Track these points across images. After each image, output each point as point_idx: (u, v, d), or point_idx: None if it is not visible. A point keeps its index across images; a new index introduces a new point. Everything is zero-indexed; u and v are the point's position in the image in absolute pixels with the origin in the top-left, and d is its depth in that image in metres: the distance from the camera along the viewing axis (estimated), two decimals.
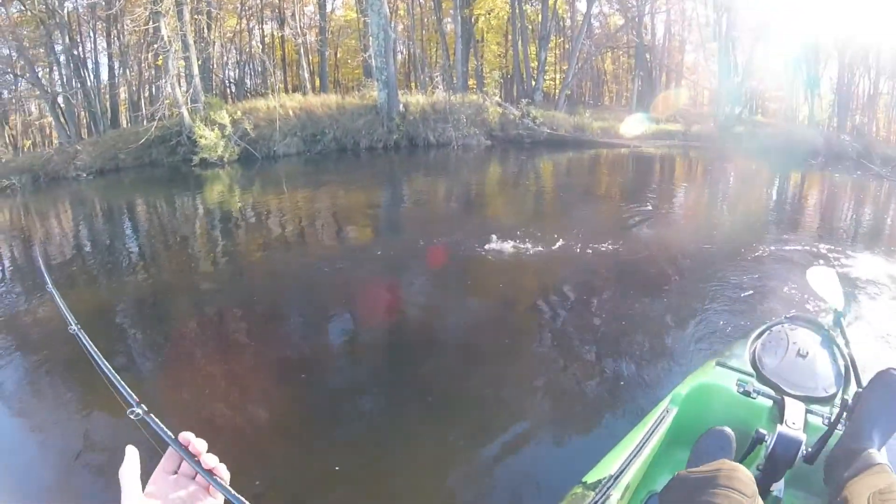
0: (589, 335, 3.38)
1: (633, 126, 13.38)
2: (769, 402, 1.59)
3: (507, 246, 4.92)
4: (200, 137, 13.76)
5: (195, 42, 16.60)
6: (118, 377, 0.82)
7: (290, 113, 13.20)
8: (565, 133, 12.81)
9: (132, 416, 0.73)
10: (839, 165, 12.84)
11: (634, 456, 1.45)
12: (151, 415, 0.70)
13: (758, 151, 13.48)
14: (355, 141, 12.78)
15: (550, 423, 2.52)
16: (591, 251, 4.67)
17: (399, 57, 15.36)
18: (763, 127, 16.19)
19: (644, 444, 1.50)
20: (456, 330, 3.63)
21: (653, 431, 1.55)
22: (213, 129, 13.85)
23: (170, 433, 0.64)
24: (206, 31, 19.39)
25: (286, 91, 17.31)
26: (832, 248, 4.97)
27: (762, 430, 1.43)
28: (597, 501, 1.28)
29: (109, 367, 0.86)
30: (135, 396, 0.76)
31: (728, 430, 1.50)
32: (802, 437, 1.38)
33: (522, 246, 4.88)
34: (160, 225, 7.87)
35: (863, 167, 12.71)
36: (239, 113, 14.14)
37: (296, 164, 12.59)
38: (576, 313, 3.74)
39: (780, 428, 1.40)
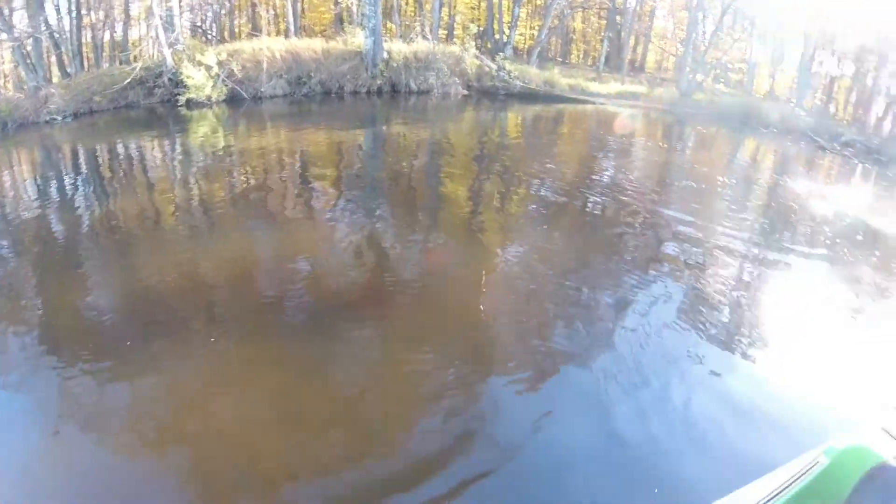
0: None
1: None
2: None
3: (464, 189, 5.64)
4: (188, 77, 14.01)
5: None
6: None
7: (277, 55, 13.61)
8: (537, 87, 13.64)
9: None
10: (788, 136, 14.08)
11: (773, 497, 1.44)
12: None
13: (715, 118, 14.59)
14: (340, 85, 13.33)
15: None
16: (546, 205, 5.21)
17: None
18: (723, 96, 17.26)
19: (785, 488, 1.47)
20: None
21: (797, 479, 1.51)
22: (199, 70, 14.14)
23: None
24: None
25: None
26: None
27: None
28: None
29: None
30: None
31: None
32: None
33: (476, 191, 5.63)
34: (159, 164, 8.49)
35: (808, 139, 13.98)
36: (224, 54, 14.42)
37: (282, 106, 13.12)
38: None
39: None
